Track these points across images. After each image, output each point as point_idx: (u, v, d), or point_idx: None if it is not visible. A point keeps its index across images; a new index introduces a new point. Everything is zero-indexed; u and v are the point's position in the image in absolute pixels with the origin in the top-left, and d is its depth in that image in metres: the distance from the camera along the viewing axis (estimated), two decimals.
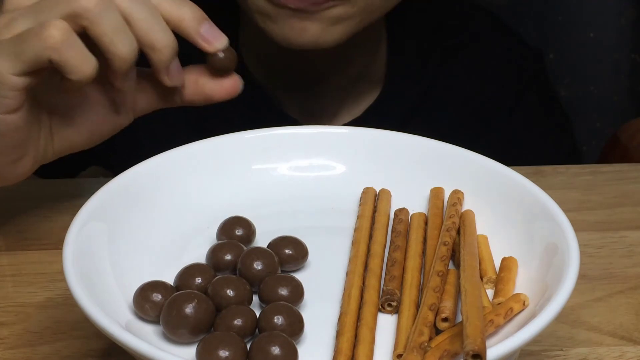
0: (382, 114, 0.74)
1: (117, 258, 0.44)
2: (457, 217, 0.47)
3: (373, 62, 0.75)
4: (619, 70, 1.05)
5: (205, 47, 0.50)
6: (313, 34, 0.62)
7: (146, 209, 0.48)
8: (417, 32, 0.76)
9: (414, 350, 0.38)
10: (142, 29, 0.47)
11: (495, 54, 0.78)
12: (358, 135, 0.54)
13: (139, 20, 0.47)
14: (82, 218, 0.44)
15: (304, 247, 0.46)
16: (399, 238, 0.47)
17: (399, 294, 0.43)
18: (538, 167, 0.64)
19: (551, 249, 0.43)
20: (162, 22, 0.48)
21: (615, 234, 0.56)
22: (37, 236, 0.55)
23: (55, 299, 0.49)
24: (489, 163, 0.50)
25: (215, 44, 0.50)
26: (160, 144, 0.52)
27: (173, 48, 0.49)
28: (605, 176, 0.64)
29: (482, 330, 0.36)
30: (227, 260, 0.45)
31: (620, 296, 0.50)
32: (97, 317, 0.38)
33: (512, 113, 0.77)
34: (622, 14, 1.03)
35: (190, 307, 0.40)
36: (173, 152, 0.51)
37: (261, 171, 0.53)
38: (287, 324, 0.40)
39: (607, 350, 0.46)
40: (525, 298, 0.42)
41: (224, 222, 0.48)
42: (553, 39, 1.04)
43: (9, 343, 0.46)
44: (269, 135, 0.53)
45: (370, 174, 0.53)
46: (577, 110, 1.01)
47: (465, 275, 0.41)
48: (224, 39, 0.51)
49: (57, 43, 0.45)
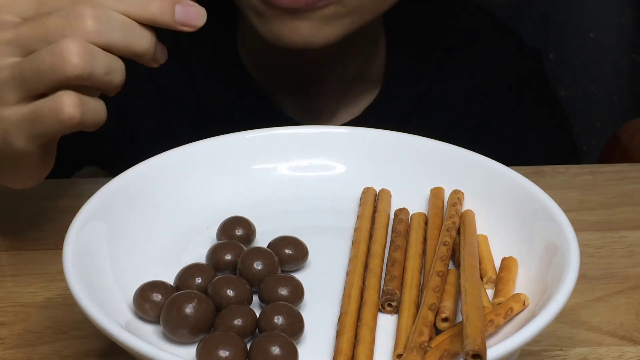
0: (381, 113, 0.74)
1: (117, 258, 0.44)
2: (457, 217, 0.47)
3: (371, 61, 0.75)
4: (619, 70, 1.05)
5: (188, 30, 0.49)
6: (304, 33, 0.62)
7: (146, 209, 0.48)
8: (416, 32, 0.75)
9: (414, 350, 0.38)
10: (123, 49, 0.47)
11: (495, 54, 0.78)
12: (358, 135, 0.54)
13: (118, 44, 0.46)
14: (82, 218, 0.44)
15: (304, 247, 0.46)
16: (399, 238, 0.47)
17: (399, 294, 0.43)
18: (538, 167, 0.64)
19: (551, 249, 0.43)
20: (138, 30, 0.47)
21: (615, 234, 0.56)
22: (37, 236, 0.55)
23: (55, 299, 0.49)
24: (489, 163, 0.50)
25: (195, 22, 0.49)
26: (160, 144, 0.52)
27: (154, 44, 0.48)
28: (605, 176, 0.64)
29: (482, 330, 0.36)
30: (227, 260, 0.45)
31: (620, 296, 0.50)
32: (97, 317, 0.38)
33: (511, 113, 0.77)
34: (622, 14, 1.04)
35: (190, 307, 0.40)
36: (173, 152, 0.51)
37: (261, 171, 0.53)
38: (287, 324, 0.40)
39: (607, 350, 0.46)
40: (525, 298, 0.42)
41: (224, 222, 0.48)
42: (553, 39, 1.04)
43: (9, 343, 0.46)
44: (269, 135, 0.53)
45: (370, 174, 0.53)
46: (577, 110, 1.01)
47: (465, 275, 0.41)
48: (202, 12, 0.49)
49: (76, 122, 0.44)
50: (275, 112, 0.74)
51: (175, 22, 0.48)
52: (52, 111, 0.44)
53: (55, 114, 0.44)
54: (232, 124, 0.59)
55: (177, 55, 0.74)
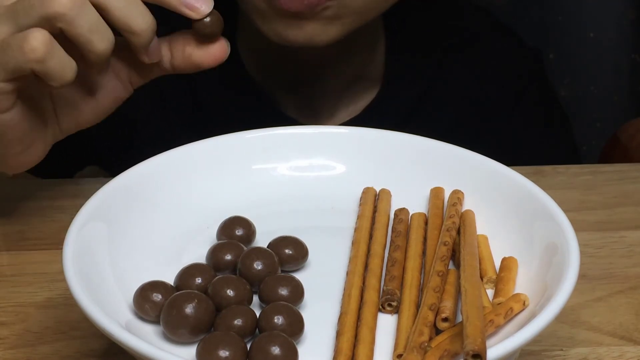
0: (380, 113, 0.74)
1: (117, 258, 0.44)
2: (457, 217, 0.47)
3: (371, 61, 0.75)
4: (619, 70, 1.05)
5: (192, 14, 0.49)
6: (309, 32, 0.62)
7: (146, 209, 0.48)
8: (416, 32, 0.76)
9: (414, 350, 0.38)
10: (121, 17, 0.47)
11: (495, 54, 0.78)
12: (358, 135, 0.54)
13: (116, 9, 0.46)
14: (82, 218, 0.44)
15: (304, 247, 0.46)
16: (399, 238, 0.47)
17: (399, 294, 0.43)
18: (538, 167, 0.64)
19: (551, 249, 0.43)
20: (140, 5, 0.47)
21: (615, 234, 0.56)
22: (37, 236, 0.55)
23: (55, 299, 0.49)
24: (489, 163, 0.50)
25: (200, 9, 0.49)
26: (160, 144, 0.52)
27: (152, 30, 0.48)
28: (605, 176, 0.64)
29: (482, 330, 0.36)
30: (227, 260, 0.45)
31: (620, 296, 0.50)
32: (97, 317, 0.38)
33: (512, 113, 0.77)
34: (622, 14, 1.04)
35: (190, 307, 0.40)
36: (173, 152, 0.51)
37: (261, 171, 0.53)
38: (287, 324, 0.40)
39: (607, 350, 0.46)
40: (525, 298, 0.42)
41: (224, 222, 0.48)
42: (553, 39, 1.04)
43: (9, 343, 0.46)
44: (269, 135, 0.53)
45: (370, 174, 0.53)
46: (577, 110, 1.01)
47: (465, 275, 0.41)
48: (209, 2, 0.50)
49: (39, 56, 0.45)
50: (274, 111, 0.74)
51: (181, 3, 0.48)
52: (20, 40, 0.45)
53: (21, 43, 0.45)
54: (231, 124, 0.59)
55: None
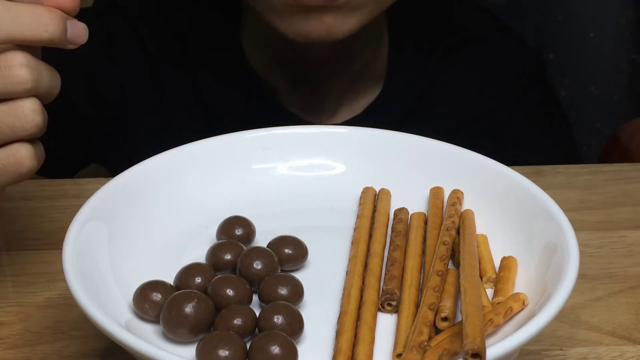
0: (382, 111, 0.74)
1: (117, 258, 0.44)
2: (456, 216, 0.48)
3: (374, 59, 0.75)
4: (619, 70, 1.05)
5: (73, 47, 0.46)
6: (328, 24, 0.62)
7: (146, 208, 0.48)
8: (417, 31, 0.76)
9: (414, 350, 0.38)
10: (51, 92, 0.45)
11: (495, 53, 0.78)
12: (358, 135, 0.54)
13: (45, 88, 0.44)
14: (82, 218, 0.44)
15: (304, 247, 0.46)
16: (399, 238, 0.47)
17: (398, 294, 0.43)
18: (538, 167, 0.64)
19: (551, 249, 0.43)
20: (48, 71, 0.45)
21: (615, 234, 0.56)
22: (37, 236, 0.55)
23: (55, 299, 0.49)
24: (489, 163, 0.50)
25: (80, 39, 0.46)
26: (160, 144, 0.52)
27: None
28: (605, 176, 0.64)
29: (482, 330, 0.36)
30: (227, 259, 0.45)
31: (620, 296, 0.50)
32: (97, 317, 0.38)
33: (512, 113, 0.77)
34: (622, 14, 1.04)
35: (190, 306, 0.40)
36: (173, 151, 0.51)
37: (261, 171, 0.53)
38: (286, 324, 0.40)
39: (607, 350, 0.46)
40: (524, 297, 0.42)
41: (224, 222, 0.48)
42: (553, 39, 1.04)
43: (9, 343, 0.46)
44: (269, 135, 0.54)
45: (370, 174, 0.53)
46: (577, 110, 1.01)
47: (465, 274, 0.41)
48: (85, 29, 0.46)
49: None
50: (278, 108, 0.74)
51: (67, 43, 0.46)
52: None
53: None
54: (234, 120, 0.59)
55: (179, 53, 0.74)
